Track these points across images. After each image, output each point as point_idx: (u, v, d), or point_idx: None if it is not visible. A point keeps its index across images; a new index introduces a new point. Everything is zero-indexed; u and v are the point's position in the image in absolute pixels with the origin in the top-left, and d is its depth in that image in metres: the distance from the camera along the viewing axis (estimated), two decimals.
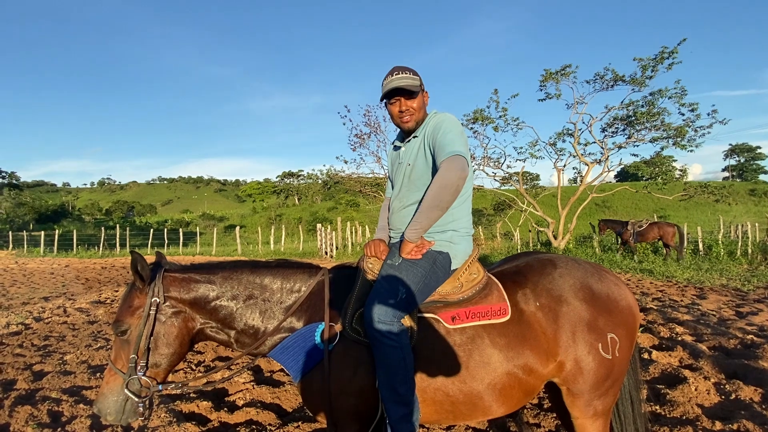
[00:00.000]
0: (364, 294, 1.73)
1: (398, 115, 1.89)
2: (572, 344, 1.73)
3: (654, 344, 4.85)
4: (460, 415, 1.73)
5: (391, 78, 1.85)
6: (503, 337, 1.72)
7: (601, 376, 1.74)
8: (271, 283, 1.80)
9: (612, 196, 44.48)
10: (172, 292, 1.71)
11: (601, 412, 1.80)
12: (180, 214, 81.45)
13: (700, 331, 5.18)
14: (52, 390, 3.68)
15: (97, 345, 5.09)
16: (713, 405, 3.26)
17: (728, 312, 6.70)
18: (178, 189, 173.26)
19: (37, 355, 4.71)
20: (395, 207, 1.97)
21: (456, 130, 1.77)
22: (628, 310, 1.84)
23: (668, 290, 9.00)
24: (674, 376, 3.73)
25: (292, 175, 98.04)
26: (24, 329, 5.93)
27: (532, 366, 1.71)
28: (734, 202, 36.36)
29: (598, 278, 1.87)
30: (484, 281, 1.83)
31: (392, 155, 2.11)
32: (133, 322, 1.66)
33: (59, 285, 11.09)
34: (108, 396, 1.64)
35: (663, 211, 44.65)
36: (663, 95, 14.65)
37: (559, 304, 1.77)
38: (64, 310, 7.23)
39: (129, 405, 1.64)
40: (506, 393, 1.70)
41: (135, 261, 1.63)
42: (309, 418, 3.12)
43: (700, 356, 4.23)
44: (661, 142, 15.54)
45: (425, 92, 1.94)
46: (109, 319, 6.53)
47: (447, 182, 1.65)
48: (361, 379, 1.64)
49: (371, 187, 21.41)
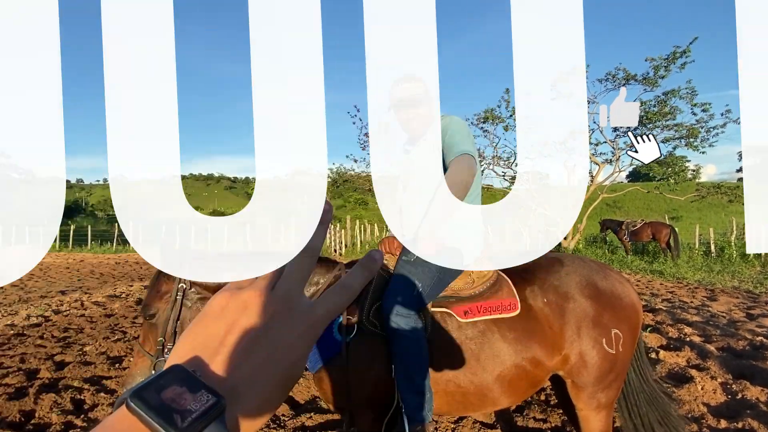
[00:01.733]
0: (380, 288, 1.81)
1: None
2: (577, 339, 1.80)
3: (662, 344, 4.88)
4: (470, 406, 1.81)
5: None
6: (512, 331, 1.80)
7: (604, 369, 1.81)
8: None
9: (623, 197, 44.04)
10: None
11: (604, 405, 1.87)
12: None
13: (709, 332, 5.19)
14: (74, 379, 3.82)
15: (115, 337, 5.24)
16: (719, 404, 3.30)
17: (738, 314, 6.68)
18: (189, 186, 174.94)
19: (57, 346, 4.87)
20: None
21: (463, 131, 1.85)
22: (631, 307, 1.91)
23: (678, 291, 8.97)
24: (681, 376, 3.77)
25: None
26: (44, 321, 6.11)
27: (538, 359, 1.79)
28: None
29: (603, 276, 1.94)
30: (495, 277, 1.91)
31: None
32: (161, 307, 1.75)
33: (75, 279, 11.35)
34: (136, 377, 1.73)
35: (675, 212, 44.12)
36: (675, 95, 14.53)
37: (565, 301, 1.84)
38: (81, 304, 7.43)
39: None
40: (514, 385, 1.78)
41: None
42: (321, 409, 3.22)
43: (707, 356, 4.26)
44: (673, 142, 15.43)
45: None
46: (125, 313, 6.70)
47: (456, 180, 1.72)
48: (376, 370, 1.73)
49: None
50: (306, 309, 0.38)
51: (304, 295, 0.39)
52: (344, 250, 20.06)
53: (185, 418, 0.29)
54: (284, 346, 0.36)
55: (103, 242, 26.39)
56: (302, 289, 0.39)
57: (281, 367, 0.35)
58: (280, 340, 0.36)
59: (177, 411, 0.29)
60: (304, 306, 0.38)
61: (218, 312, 0.37)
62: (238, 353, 0.34)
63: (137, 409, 0.28)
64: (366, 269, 0.42)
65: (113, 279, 11.41)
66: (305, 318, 0.38)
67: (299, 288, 0.39)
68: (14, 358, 4.36)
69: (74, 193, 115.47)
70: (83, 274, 12.44)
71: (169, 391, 0.30)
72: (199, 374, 0.32)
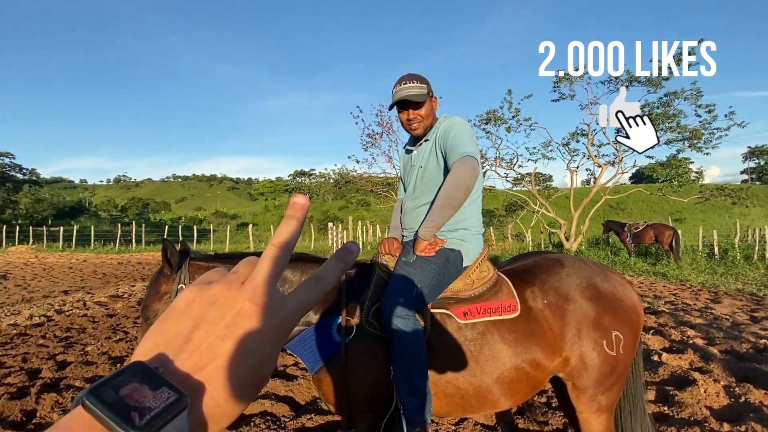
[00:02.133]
0: (379, 289, 1.81)
1: (407, 122, 1.98)
2: (578, 341, 1.79)
3: (665, 347, 4.85)
4: (469, 408, 1.80)
5: (399, 87, 1.93)
6: (512, 332, 1.79)
7: (605, 372, 1.79)
8: (291, 275, 1.87)
9: (626, 198, 43.92)
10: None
11: (605, 407, 1.86)
12: (193, 212, 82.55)
13: (712, 335, 5.16)
14: (76, 379, 3.83)
15: (117, 337, 5.26)
16: (722, 407, 3.27)
17: (742, 316, 6.64)
18: (192, 187, 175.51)
19: (59, 345, 4.88)
20: (408, 207, 2.05)
21: (466, 132, 1.85)
22: (632, 309, 1.89)
23: (681, 294, 8.93)
24: (684, 378, 3.74)
25: (303, 174, 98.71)
26: (46, 321, 6.13)
27: (539, 361, 1.78)
28: (752, 205, 35.65)
29: (604, 278, 1.93)
30: (495, 278, 1.90)
31: (404, 158, 2.20)
32: (160, 308, 1.75)
33: (78, 279, 11.39)
34: None
35: (679, 213, 43.98)
36: (679, 96, 14.48)
37: (566, 302, 1.83)
38: (83, 304, 7.45)
39: None
40: (514, 387, 1.77)
41: (165, 248, 1.73)
42: (321, 410, 3.22)
43: (710, 359, 4.23)
44: (676, 144, 15.37)
45: (434, 98, 2.01)
46: (127, 313, 6.72)
47: (459, 182, 1.72)
48: (376, 371, 1.72)
49: (382, 187, 21.51)
50: (277, 303, 0.37)
51: (276, 289, 0.38)
52: None
53: (143, 415, 0.28)
54: (253, 341, 0.35)
55: (106, 242, 26.51)
56: (274, 283, 0.38)
57: (250, 363, 0.34)
58: (248, 335, 0.35)
59: (135, 408, 0.28)
60: (274, 300, 0.37)
61: (184, 307, 0.36)
62: (203, 349, 0.34)
63: (92, 407, 0.28)
64: (341, 261, 0.41)
65: (116, 279, 11.44)
66: (275, 312, 0.36)
67: (271, 282, 0.37)
68: (16, 357, 4.38)
69: (78, 194, 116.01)
70: (86, 274, 12.48)
71: (128, 388, 0.29)
72: (162, 371, 0.31)
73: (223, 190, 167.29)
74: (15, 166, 37.55)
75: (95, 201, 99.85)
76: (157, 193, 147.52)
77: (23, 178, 39.48)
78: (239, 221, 59.83)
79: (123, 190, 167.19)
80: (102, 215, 69.39)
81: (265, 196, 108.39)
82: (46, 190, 56.95)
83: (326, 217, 48.37)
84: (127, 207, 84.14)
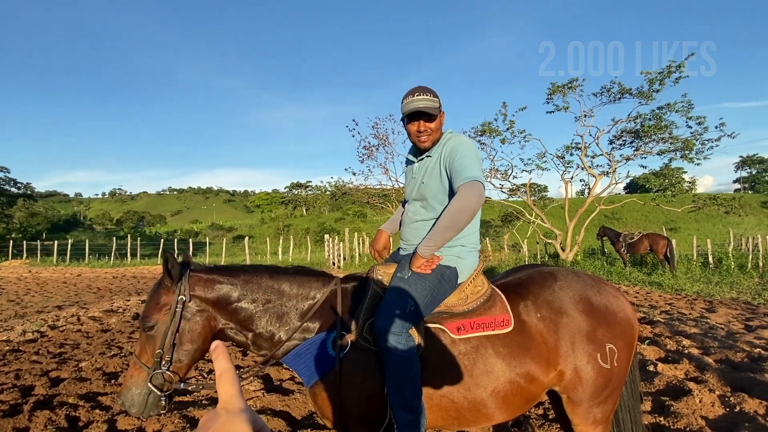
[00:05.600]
0: (374, 304, 1.82)
1: (416, 134, 1.96)
2: (572, 354, 1.81)
3: (660, 357, 4.87)
4: (464, 421, 1.81)
5: (412, 98, 1.91)
6: (506, 347, 1.80)
7: (599, 385, 1.81)
8: (288, 289, 1.88)
9: (621, 208, 44.15)
10: (197, 291, 1.79)
11: (600, 420, 1.87)
12: (189, 225, 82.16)
13: (707, 345, 5.18)
14: (69, 396, 3.79)
15: (111, 353, 5.21)
16: (717, 417, 3.28)
17: (737, 325, 6.67)
18: (188, 199, 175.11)
19: (53, 362, 4.84)
20: (406, 220, 2.07)
21: (472, 154, 1.84)
22: (626, 321, 1.91)
23: (677, 303, 8.96)
24: (679, 389, 3.75)
25: (300, 186, 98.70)
26: (40, 337, 6.07)
27: (533, 374, 1.79)
28: (745, 213, 35.91)
29: (597, 291, 1.95)
30: (488, 293, 1.92)
31: (407, 169, 2.21)
32: (160, 319, 1.74)
33: (72, 294, 11.29)
34: (132, 389, 1.71)
35: (673, 223, 44.21)
36: (671, 109, 14.70)
37: (559, 316, 1.85)
38: (77, 319, 7.39)
39: (152, 398, 1.70)
40: (508, 400, 1.78)
41: (167, 260, 1.74)
42: (318, 425, 3.20)
43: (706, 369, 4.24)
44: (668, 154, 15.56)
45: (443, 113, 2.02)
46: (122, 328, 6.67)
47: (465, 207, 1.72)
48: (370, 386, 1.73)
49: (379, 198, 21.59)
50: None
51: None
52: (343, 263, 20.02)
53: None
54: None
55: (101, 256, 26.32)
56: None
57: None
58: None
59: None
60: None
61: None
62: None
63: None
64: None
65: (110, 293, 11.35)
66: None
67: None
68: (9, 374, 4.33)
69: (72, 207, 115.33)
70: (80, 289, 12.38)
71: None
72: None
73: (219, 203, 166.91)
74: (9, 180, 37.31)
75: (90, 214, 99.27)
76: (153, 206, 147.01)
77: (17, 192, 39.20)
78: (235, 234, 59.59)
79: (118, 203, 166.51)
80: (97, 229, 68.91)
81: (261, 208, 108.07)
82: (41, 203, 56.57)
83: (323, 229, 48.30)
84: (122, 220, 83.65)
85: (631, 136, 15.89)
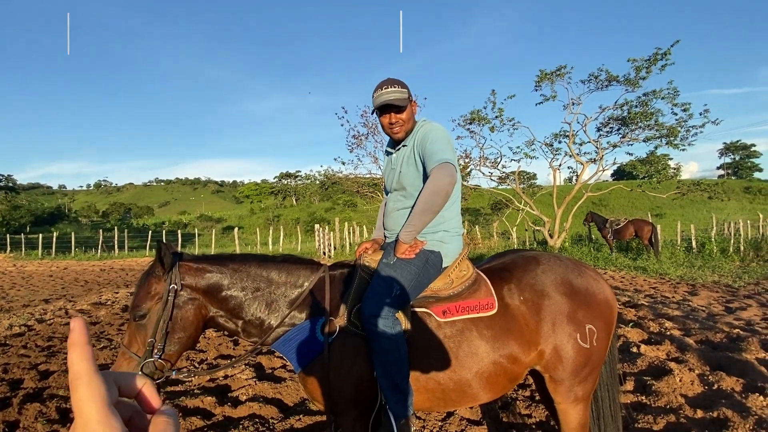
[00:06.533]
0: (361, 290, 1.86)
1: (389, 126, 2.02)
2: (552, 334, 1.87)
3: (643, 339, 5.00)
4: (450, 402, 1.87)
5: (380, 92, 1.97)
6: (490, 329, 1.85)
7: (579, 364, 1.87)
8: (277, 277, 1.91)
9: (608, 195, 44.71)
10: (187, 279, 1.81)
11: (581, 398, 1.94)
12: (178, 216, 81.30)
13: (689, 326, 5.33)
14: (59, 388, 3.79)
15: (101, 345, 5.20)
16: (696, 395, 3.41)
17: (718, 307, 6.87)
18: (175, 191, 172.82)
19: (41, 355, 4.81)
20: (388, 210, 2.11)
21: (444, 138, 1.90)
22: (605, 303, 1.98)
23: (661, 287, 9.17)
24: (660, 369, 3.88)
25: (289, 176, 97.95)
26: (27, 330, 6.02)
27: (516, 355, 1.85)
28: (728, 199, 36.64)
29: (578, 274, 2.01)
30: (474, 277, 1.96)
31: (386, 161, 2.25)
32: (152, 307, 1.76)
33: (59, 287, 11.17)
34: None
35: (659, 209, 44.92)
36: (657, 96, 14.85)
37: (541, 298, 1.91)
38: (65, 312, 7.33)
39: None
40: (492, 380, 1.84)
41: (160, 249, 1.75)
42: (310, 411, 3.25)
43: (686, 349, 4.38)
44: (654, 141, 15.76)
45: (414, 102, 2.07)
46: (111, 321, 6.63)
47: (437, 188, 1.77)
48: (359, 369, 1.78)
49: (368, 188, 21.55)
50: None
51: None
52: (333, 252, 20.05)
53: None
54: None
55: (87, 249, 25.98)
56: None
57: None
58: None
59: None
60: None
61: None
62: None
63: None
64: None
65: (98, 286, 11.25)
66: None
67: None
68: None
69: (57, 199, 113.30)
70: (67, 282, 12.25)
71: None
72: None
73: (207, 194, 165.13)
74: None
75: (75, 207, 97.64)
76: (140, 198, 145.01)
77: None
78: (225, 224, 59.14)
79: (104, 195, 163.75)
80: (83, 221, 67.90)
81: (250, 198, 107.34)
82: (24, 196, 55.46)
83: (313, 218, 48.19)
84: (108, 212, 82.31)
85: (618, 123, 16.04)
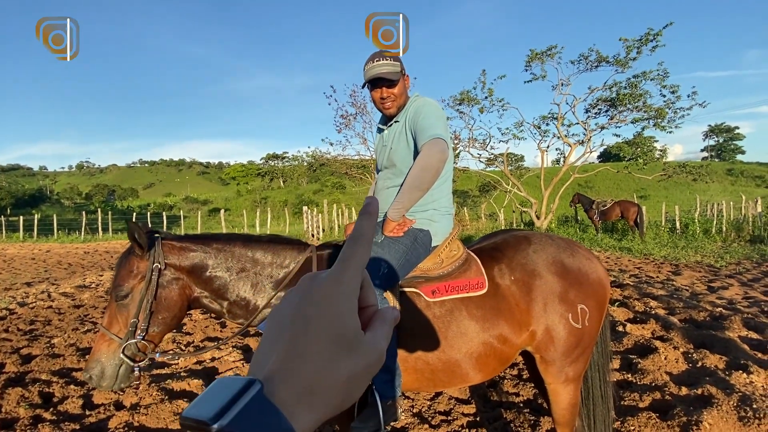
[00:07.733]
0: None
1: (380, 101, 1.94)
2: (543, 315, 1.84)
3: (629, 318, 5.08)
4: (439, 383, 1.84)
5: (372, 65, 1.87)
6: (480, 309, 1.82)
7: (571, 344, 1.85)
8: (262, 257, 1.84)
9: (594, 177, 45.18)
10: (170, 258, 1.74)
11: (572, 378, 1.93)
12: (163, 198, 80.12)
13: (673, 305, 5.42)
14: (42, 372, 3.72)
15: (85, 328, 5.11)
16: (681, 372, 3.47)
17: (701, 287, 7.00)
18: (160, 172, 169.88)
19: (23, 339, 4.71)
20: (378, 187, 2.04)
21: (436, 114, 1.83)
22: (598, 282, 1.95)
23: (645, 267, 9.32)
24: (646, 347, 3.94)
25: (276, 158, 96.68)
26: (8, 314, 5.89)
27: (506, 336, 1.82)
28: (711, 181, 37.28)
29: (570, 253, 1.97)
30: (464, 257, 1.92)
31: (377, 138, 2.17)
32: (135, 286, 1.69)
33: (41, 270, 10.95)
34: (102, 361, 1.65)
35: (644, 191, 45.57)
36: (647, 77, 14.85)
37: (532, 278, 1.87)
38: (48, 295, 7.18)
39: (123, 370, 1.66)
40: (482, 361, 1.81)
41: (131, 229, 1.66)
42: None
43: (671, 328, 4.46)
44: (642, 123, 15.84)
45: (406, 76, 1.98)
46: (95, 303, 6.52)
47: (428, 164, 1.71)
48: None
49: (357, 169, 21.37)
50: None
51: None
52: (322, 235, 19.97)
53: None
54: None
55: (70, 231, 25.49)
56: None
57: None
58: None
59: None
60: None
61: None
62: None
63: None
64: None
65: (82, 269, 11.06)
66: None
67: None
68: None
69: (38, 181, 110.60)
70: (50, 265, 12.01)
71: None
72: None
73: (192, 175, 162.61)
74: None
75: (57, 188, 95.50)
76: (124, 180, 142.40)
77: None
78: (211, 207, 58.45)
79: (87, 177, 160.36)
80: (65, 203, 66.53)
81: (237, 180, 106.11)
82: (3, 178, 54.05)
83: (301, 201, 47.89)
84: (91, 194, 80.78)
85: (607, 104, 16.06)
